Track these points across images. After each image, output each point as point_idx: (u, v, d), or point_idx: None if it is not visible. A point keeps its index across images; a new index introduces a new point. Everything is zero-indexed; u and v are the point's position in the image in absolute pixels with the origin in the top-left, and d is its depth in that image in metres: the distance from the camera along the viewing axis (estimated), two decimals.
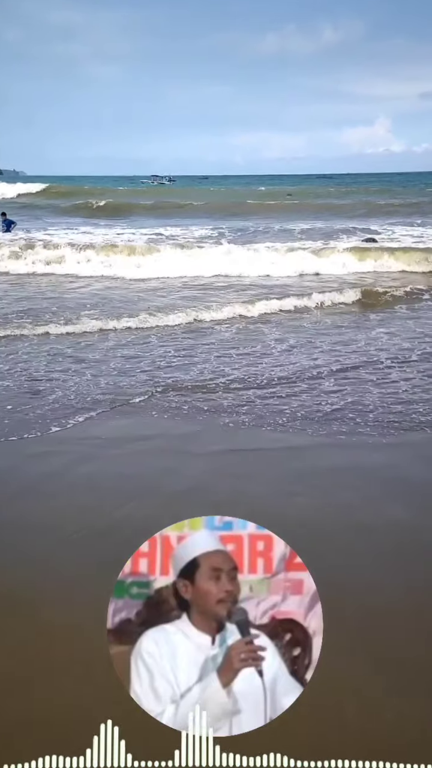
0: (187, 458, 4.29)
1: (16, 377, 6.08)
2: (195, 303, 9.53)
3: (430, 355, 6.83)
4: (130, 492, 3.77)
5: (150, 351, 7.04)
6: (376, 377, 6.04)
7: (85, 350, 7.05)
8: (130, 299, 10.28)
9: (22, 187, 38.23)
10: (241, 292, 10.59)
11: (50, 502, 3.70)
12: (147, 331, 7.94)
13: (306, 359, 6.69)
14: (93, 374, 6.13)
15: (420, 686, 2.32)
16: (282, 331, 8.02)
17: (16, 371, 6.27)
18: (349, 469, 4.14)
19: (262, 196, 34.06)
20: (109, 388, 5.74)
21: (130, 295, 10.64)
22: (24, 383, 5.90)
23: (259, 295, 10.11)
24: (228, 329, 8.09)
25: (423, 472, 4.09)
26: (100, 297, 10.55)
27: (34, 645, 2.52)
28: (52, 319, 8.34)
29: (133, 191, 42.34)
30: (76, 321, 8.20)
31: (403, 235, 17.44)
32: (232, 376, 6.05)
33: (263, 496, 3.72)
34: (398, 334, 7.87)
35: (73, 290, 11.25)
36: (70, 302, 9.93)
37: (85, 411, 5.15)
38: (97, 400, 5.41)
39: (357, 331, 8.05)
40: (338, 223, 20.95)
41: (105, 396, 5.53)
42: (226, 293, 10.52)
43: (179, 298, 10.28)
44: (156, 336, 7.70)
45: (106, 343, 7.35)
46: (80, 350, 7.05)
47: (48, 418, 4.99)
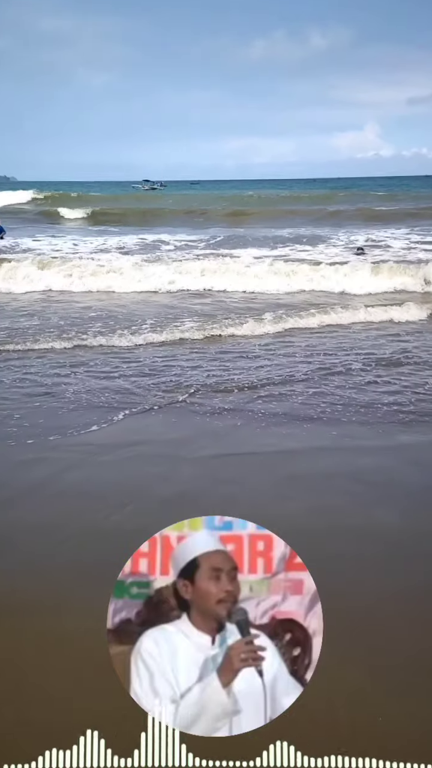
0: (178, 463, 4.28)
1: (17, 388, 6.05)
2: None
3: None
4: (120, 499, 3.75)
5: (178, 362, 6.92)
6: (365, 380, 6.07)
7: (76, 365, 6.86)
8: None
9: (12, 194, 38.05)
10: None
11: (41, 508, 3.68)
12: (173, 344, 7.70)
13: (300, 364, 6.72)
14: (82, 384, 6.08)
15: (412, 687, 2.33)
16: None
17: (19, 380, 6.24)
18: (341, 473, 4.15)
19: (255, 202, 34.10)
20: (99, 396, 5.73)
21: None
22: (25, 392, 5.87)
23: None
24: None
25: (414, 476, 4.11)
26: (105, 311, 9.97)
27: (24, 650, 2.51)
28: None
29: (126, 196, 42.32)
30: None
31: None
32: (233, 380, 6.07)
33: (254, 500, 3.71)
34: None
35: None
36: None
37: (78, 418, 5.13)
38: (88, 408, 5.39)
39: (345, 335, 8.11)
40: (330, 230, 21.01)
41: (95, 403, 5.52)
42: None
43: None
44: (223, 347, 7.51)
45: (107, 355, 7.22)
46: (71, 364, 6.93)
47: (42, 426, 4.97)
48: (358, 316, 9.10)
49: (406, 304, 9.69)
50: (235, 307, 10.10)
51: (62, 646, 2.52)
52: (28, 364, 6.79)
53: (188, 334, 7.99)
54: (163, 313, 9.65)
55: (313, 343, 7.63)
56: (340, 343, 7.71)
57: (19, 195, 38.27)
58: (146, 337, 7.88)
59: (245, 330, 8.21)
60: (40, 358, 7.04)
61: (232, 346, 7.52)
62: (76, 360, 6.94)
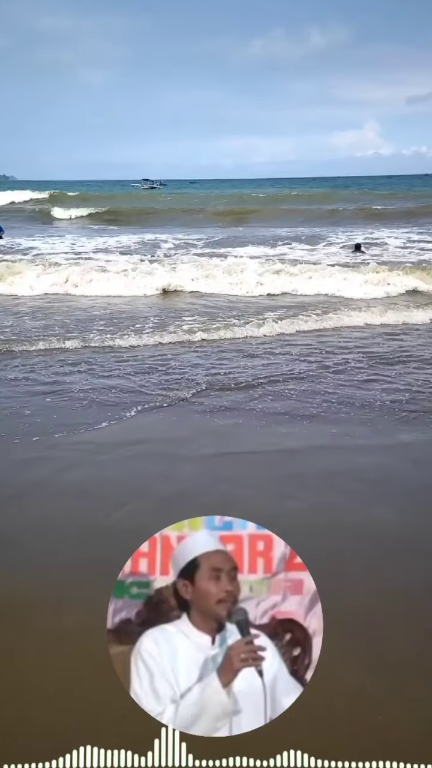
0: (178, 462, 4.28)
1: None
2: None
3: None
4: (120, 498, 3.75)
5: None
6: (362, 377, 6.07)
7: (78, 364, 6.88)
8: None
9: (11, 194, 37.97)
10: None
11: (41, 507, 3.68)
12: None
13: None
14: (82, 384, 6.09)
15: (414, 686, 2.33)
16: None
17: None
18: (340, 471, 4.14)
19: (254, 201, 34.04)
20: (100, 395, 5.73)
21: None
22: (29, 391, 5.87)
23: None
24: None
25: (413, 474, 4.11)
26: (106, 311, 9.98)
27: (24, 649, 2.51)
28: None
29: (125, 195, 42.25)
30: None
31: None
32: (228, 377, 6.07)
33: (254, 499, 3.71)
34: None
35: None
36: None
37: (78, 417, 5.13)
38: (88, 407, 5.39)
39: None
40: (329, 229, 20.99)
41: (96, 402, 5.52)
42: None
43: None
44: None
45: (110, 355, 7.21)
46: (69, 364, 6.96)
47: (42, 425, 4.96)
48: (359, 316, 9.09)
49: (407, 304, 9.69)
50: (234, 307, 10.09)
51: (62, 644, 2.52)
52: (29, 363, 6.79)
53: (187, 336, 7.97)
54: (163, 313, 9.65)
55: (312, 343, 7.63)
56: (338, 342, 7.71)
57: (17, 194, 38.22)
58: (147, 338, 7.87)
59: (245, 331, 8.20)
60: (40, 357, 7.05)
61: (232, 346, 7.51)
62: (76, 359, 6.94)
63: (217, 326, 8.43)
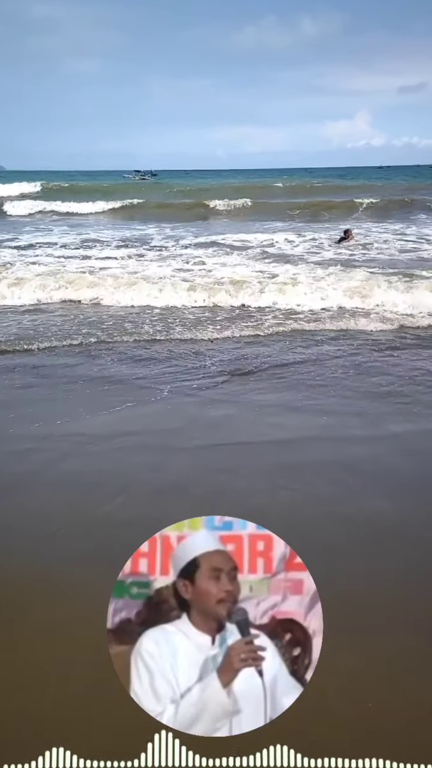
0: (170, 453, 4.28)
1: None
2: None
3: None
4: (112, 489, 3.74)
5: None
6: (357, 370, 6.08)
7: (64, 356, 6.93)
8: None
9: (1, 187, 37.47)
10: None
11: (33, 498, 3.67)
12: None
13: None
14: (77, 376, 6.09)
15: (406, 676, 2.34)
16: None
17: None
18: (333, 462, 4.15)
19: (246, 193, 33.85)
20: (94, 387, 5.71)
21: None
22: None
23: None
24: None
25: (406, 465, 4.12)
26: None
27: (18, 642, 2.50)
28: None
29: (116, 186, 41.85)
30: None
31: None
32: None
33: (246, 490, 3.72)
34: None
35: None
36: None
37: (72, 409, 5.11)
38: (81, 399, 5.38)
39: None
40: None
41: (89, 394, 5.51)
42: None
43: None
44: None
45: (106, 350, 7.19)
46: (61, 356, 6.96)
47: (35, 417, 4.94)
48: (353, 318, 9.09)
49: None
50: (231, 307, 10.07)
51: (58, 636, 2.51)
52: (30, 362, 6.78)
53: (182, 335, 7.97)
54: (160, 313, 9.62)
55: (305, 336, 7.63)
56: (330, 333, 7.72)
57: (7, 188, 37.71)
58: (142, 335, 7.87)
59: (241, 330, 8.20)
60: (41, 355, 7.03)
61: (231, 345, 7.50)
62: (72, 353, 6.93)
63: (214, 326, 8.42)
